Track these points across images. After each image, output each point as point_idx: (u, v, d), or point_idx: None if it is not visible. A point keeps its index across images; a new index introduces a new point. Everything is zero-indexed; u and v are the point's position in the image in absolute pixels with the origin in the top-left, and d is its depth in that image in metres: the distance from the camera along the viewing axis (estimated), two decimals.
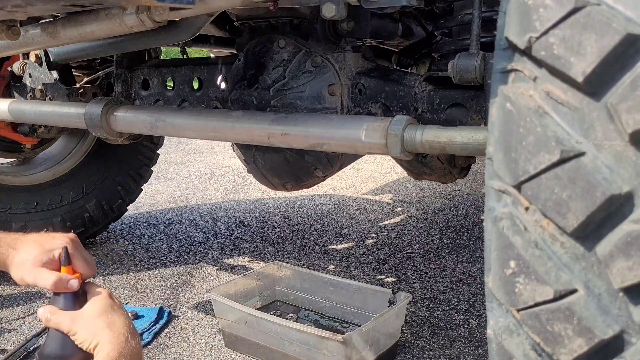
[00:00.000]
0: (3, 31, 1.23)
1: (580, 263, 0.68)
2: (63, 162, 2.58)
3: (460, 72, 1.20)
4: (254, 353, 1.66)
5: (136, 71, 1.99)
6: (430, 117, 1.42)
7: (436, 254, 2.55)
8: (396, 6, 1.21)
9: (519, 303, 0.72)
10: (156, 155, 2.87)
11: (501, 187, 0.73)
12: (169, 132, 1.63)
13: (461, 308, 1.99)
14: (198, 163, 5.06)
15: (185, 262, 2.48)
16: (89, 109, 1.71)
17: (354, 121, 1.30)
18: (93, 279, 1.07)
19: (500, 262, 0.74)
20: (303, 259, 2.50)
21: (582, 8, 0.64)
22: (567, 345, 0.68)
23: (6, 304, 2.06)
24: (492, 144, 0.74)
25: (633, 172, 0.63)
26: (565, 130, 0.66)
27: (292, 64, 1.57)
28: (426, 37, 1.87)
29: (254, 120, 1.44)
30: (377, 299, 1.73)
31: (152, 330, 1.81)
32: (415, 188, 3.93)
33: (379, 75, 1.55)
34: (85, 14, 1.30)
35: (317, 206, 3.47)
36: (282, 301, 1.98)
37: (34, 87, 2.11)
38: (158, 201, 3.61)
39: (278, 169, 1.74)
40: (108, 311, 0.94)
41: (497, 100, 0.73)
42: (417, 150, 1.18)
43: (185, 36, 1.49)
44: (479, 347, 1.72)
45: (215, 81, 1.81)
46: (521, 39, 0.69)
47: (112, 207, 2.71)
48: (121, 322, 0.93)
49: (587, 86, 0.65)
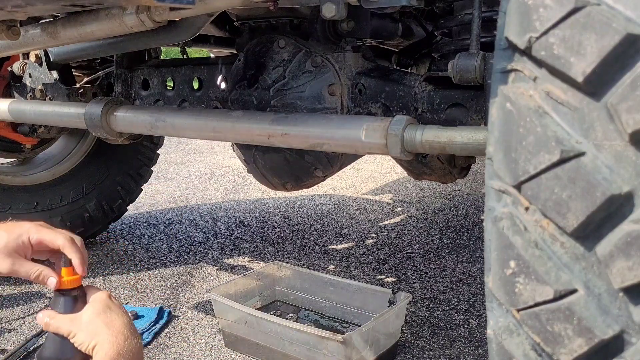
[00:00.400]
0: (3, 31, 1.23)
1: (580, 263, 0.68)
2: (63, 162, 2.58)
3: (460, 72, 1.20)
4: (254, 353, 1.66)
5: (136, 71, 1.99)
6: (430, 117, 1.42)
7: (436, 254, 2.55)
8: (396, 6, 1.21)
9: (519, 303, 0.72)
10: (156, 155, 2.87)
11: (501, 187, 0.73)
12: (169, 132, 1.63)
13: (461, 308, 1.99)
14: (198, 163, 5.06)
15: (185, 262, 2.48)
16: (89, 109, 1.71)
17: (354, 121, 1.30)
18: (89, 278, 1.07)
19: (500, 262, 0.74)
20: (303, 259, 2.50)
21: (582, 8, 0.64)
22: (567, 345, 0.68)
23: (6, 304, 2.06)
24: (492, 144, 0.74)
25: (633, 172, 0.63)
26: (565, 130, 0.66)
27: (292, 64, 1.57)
28: (426, 37, 1.87)
29: (254, 120, 1.44)
30: (377, 299, 1.73)
31: (152, 330, 1.81)
32: (415, 188, 3.93)
33: (379, 75, 1.55)
34: (85, 14, 1.30)
35: (317, 206, 3.47)
36: (282, 301, 1.98)
37: (34, 87, 2.11)
38: (158, 201, 3.61)
39: (278, 169, 1.74)
40: (106, 311, 0.94)
41: (497, 100, 0.73)
42: (417, 150, 1.18)
43: (185, 36, 1.49)
44: (479, 347, 1.72)
45: (215, 81, 1.81)
46: (521, 39, 0.69)
47: (112, 207, 2.71)
48: (120, 322, 0.93)
49: (587, 86, 0.65)
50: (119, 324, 0.92)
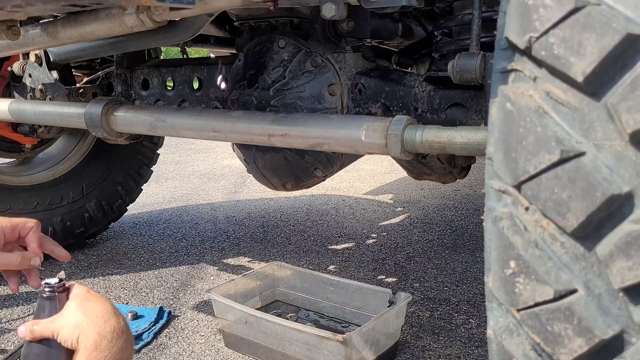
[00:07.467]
0: (3, 31, 1.23)
1: (580, 263, 0.68)
2: (63, 162, 2.58)
3: (460, 72, 1.20)
4: (254, 353, 1.66)
5: (136, 71, 1.99)
6: (430, 117, 1.42)
7: (436, 254, 2.55)
8: (396, 6, 1.21)
9: (519, 303, 0.72)
10: (156, 155, 2.87)
11: (501, 187, 0.73)
12: (169, 132, 1.63)
13: (461, 308, 1.99)
14: (198, 163, 5.06)
15: (185, 262, 2.48)
16: (89, 109, 1.71)
17: (353, 121, 1.30)
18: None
19: (500, 262, 0.74)
20: (303, 259, 2.50)
21: (582, 8, 0.64)
22: (567, 345, 0.68)
23: (6, 304, 2.06)
24: (492, 144, 0.74)
25: (633, 172, 0.63)
26: (565, 130, 0.66)
27: (292, 64, 1.57)
28: (426, 37, 1.87)
29: (254, 120, 1.44)
30: (377, 299, 1.73)
31: (152, 330, 1.81)
32: (415, 188, 3.93)
33: (379, 75, 1.55)
34: (85, 14, 1.30)
35: (317, 206, 3.47)
36: (282, 301, 1.98)
37: (34, 87, 2.11)
38: (158, 201, 3.61)
39: (278, 169, 1.74)
40: (85, 303, 0.92)
41: (497, 100, 0.73)
42: (417, 150, 1.18)
43: (185, 36, 1.49)
44: (479, 347, 1.72)
45: (215, 81, 1.81)
46: (521, 39, 0.69)
47: (112, 207, 2.71)
48: (99, 307, 0.91)
49: (587, 86, 0.65)
50: (97, 309, 0.90)
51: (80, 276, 2.30)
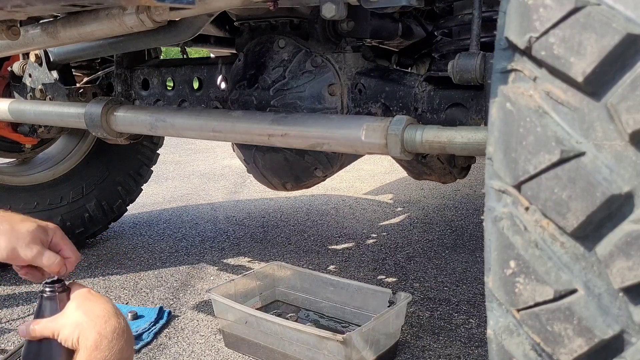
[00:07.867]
0: (3, 31, 1.23)
1: (580, 263, 0.68)
2: (63, 162, 2.58)
3: (460, 72, 1.20)
4: (254, 353, 1.66)
5: (136, 71, 1.99)
6: (430, 117, 1.42)
7: (436, 254, 2.55)
8: (396, 6, 1.21)
9: (519, 303, 0.72)
10: (156, 155, 2.87)
11: (501, 187, 0.73)
12: (169, 132, 1.63)
13: (461, 308, 1.99)
14: (198, 163, 5.06)
15: (185, 262, 2.48)
16: (89, 109, 1.71)
17: (353, 121, 1.29)
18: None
19: (500, 262, 0.74)
20: (303, 259, 2.50)
21: (582, 8, 0.64)
22: (567, 345, 0.68)
23: (6, 304, 2.06)
24: (492, 144, 0.74)
25: (633, 172, 0.63)
26: (565, 130, 0.66)
27: (292, 64, 1.57)
28: (426, 37, 1.87)
29: (254, 120, 1.44)
30: (377, 299, 1.73)
31: (152, 330, 1.81)
32: (415, 188, 3.93)
33: (379, 75, 1.55)
34: (85, 14, 1.30)
35: (317, 206, 3.47)
36: (282, 301, 1.98)
37: (34, 87, 2.11)
38: (158, 201, 3.61)
39: (278, 169, 1.74)
40: (85, 303, 0.92)
41: (497, 100, 0.73)
42: (417, 150, 1.18)
43: (185, 36, 1.49)
44: (479, 347, 1.72)
45: (215, 81, 1.81)
46: (521, 39, 0.69)
47: (112, 207, 2.71)
48: (99, 307, 0.91)
49: (587, 86, 0.65)
50: (97, 309, 0.91)
51: (80, 276, 2.30)
